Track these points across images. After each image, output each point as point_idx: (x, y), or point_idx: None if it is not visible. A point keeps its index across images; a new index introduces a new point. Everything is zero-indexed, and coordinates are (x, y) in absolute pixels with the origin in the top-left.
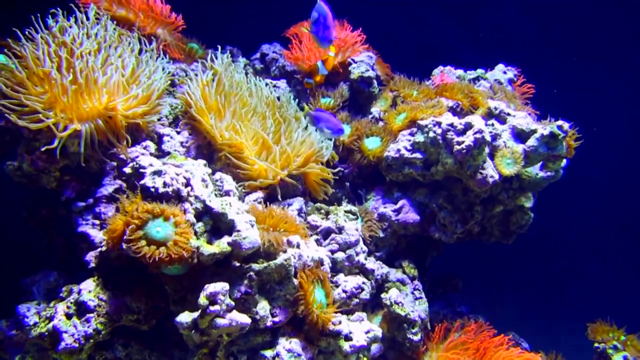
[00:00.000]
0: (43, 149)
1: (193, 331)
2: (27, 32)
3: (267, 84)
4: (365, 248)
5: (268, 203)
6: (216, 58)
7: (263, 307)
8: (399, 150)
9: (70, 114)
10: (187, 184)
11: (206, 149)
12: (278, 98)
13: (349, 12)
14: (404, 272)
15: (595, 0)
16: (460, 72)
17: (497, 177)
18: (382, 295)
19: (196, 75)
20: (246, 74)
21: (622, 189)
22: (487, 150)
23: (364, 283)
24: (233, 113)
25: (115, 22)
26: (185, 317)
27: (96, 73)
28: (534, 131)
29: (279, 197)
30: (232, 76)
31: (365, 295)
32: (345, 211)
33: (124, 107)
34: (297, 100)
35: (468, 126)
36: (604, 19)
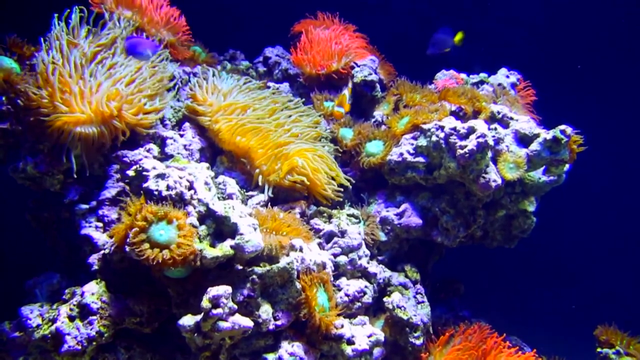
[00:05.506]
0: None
1: (195, 334)
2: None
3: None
4: (367, 252)
5: (270, 205)
6: (224, 60)
7: (266, 311)
8: (401, 154)
9: (74, 118)
10: (191, 187)
11: (209, 151)
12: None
13: (354, 15)
14: (406, 276)
15: (599, 7)
16: (463, 76)
17: (499, 181)
18: (385, 299)
19: (206, 78)
20: (268, 88)
21: (627, 190)
22: (490, 154)
23: (366, 287)
24: (244, 117)
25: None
26: (187, 320)
27: (100, 77)
28: (537, 135)
29: (283, 200)
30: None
31: (367, 299)
32: (348, 215)
33: (128, 109)
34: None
35: (471, 130)
36: (608, 25)
